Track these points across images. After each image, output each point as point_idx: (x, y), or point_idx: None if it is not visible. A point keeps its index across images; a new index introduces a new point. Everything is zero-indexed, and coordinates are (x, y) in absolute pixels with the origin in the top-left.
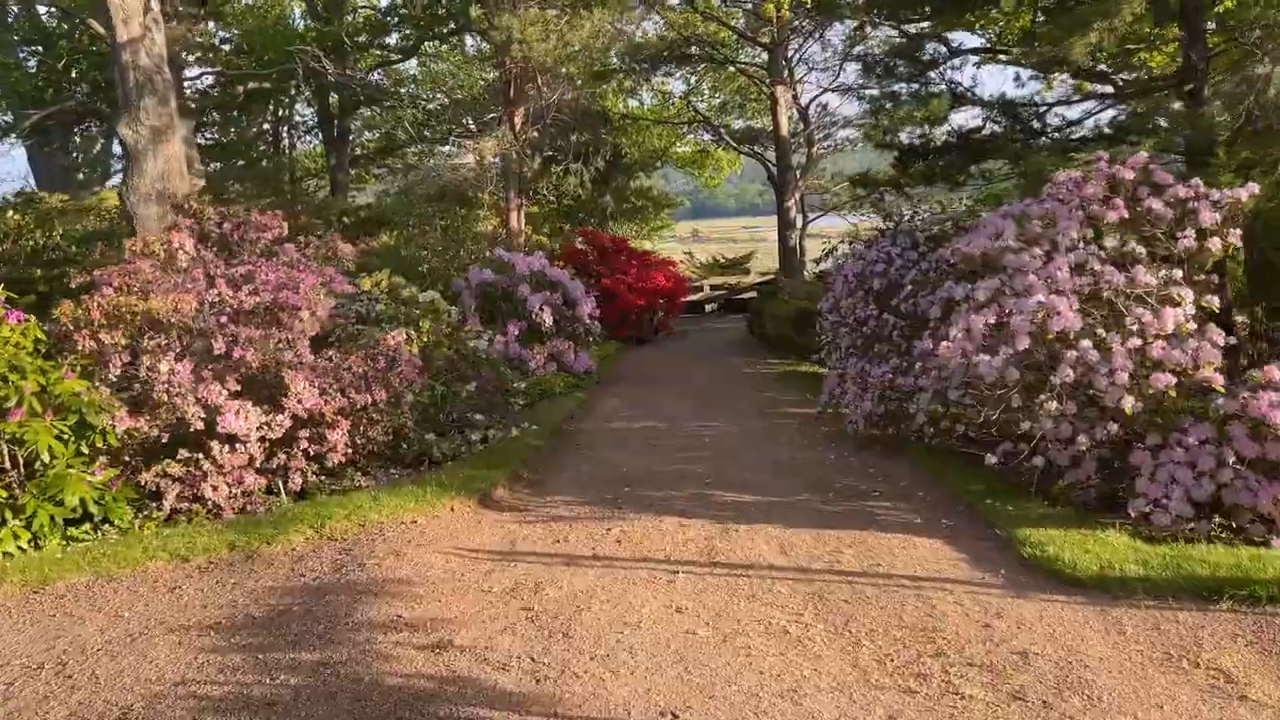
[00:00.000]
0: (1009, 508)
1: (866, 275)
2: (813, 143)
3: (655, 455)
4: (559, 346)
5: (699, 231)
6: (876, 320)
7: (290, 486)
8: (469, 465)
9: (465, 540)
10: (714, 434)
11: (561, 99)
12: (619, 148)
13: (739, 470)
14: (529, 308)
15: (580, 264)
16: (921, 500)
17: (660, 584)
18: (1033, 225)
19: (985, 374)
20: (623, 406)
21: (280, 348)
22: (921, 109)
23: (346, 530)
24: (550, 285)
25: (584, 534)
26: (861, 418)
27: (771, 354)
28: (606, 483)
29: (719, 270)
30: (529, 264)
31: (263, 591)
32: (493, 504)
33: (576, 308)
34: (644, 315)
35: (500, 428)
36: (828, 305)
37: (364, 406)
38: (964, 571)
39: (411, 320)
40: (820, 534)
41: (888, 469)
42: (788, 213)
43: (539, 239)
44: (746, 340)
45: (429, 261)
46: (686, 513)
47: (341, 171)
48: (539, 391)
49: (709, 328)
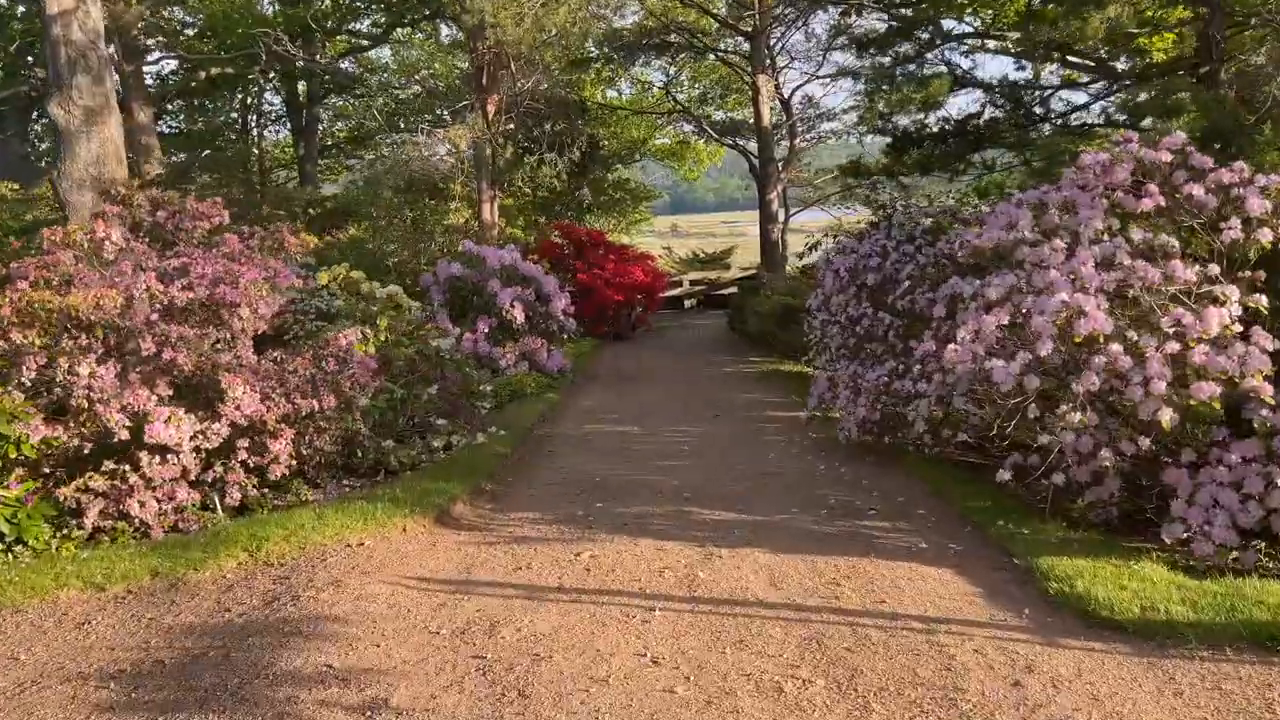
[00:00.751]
0: (1023, 530)
1: (859, 270)
2: (795, 134)
3: (631, 464)
4: (531, 344)
5: (678, 226)
6: (870, 319)
7: (228, 502)
8: (428, 476)
9: (416, 566)
10: (695, 440)
11: (537, 87)
12: (596, 139)
13: (722, 482)
14: (499, 304)
15: (556, 258)
16: (923, 520)
17: (634, 624)
18: (1050, 215)
19: (1000, 381)
20: (598, 408)
21: (218, 348)
22: (920, 90)
23: (285, 554)
24: (522, 280)
25: (550, 559)
26: (854, 425)
27: (753, 351)
28: (577, 496)
29: (699, 265)
30: (500, 258)
31: (181, 630)
32: (451, 522)
33: (550, 304)
34: (621, 311)
35: (465, 433)
36: (816, 302)
37: (311, 413)
38: (981, 610)
39: (368, 317)
40: (814, 561)
41: (883, 482)
42: (769, 206)
43: (513, 232)
44: (727, 337)
45: (397, 255)
46: (664, 533)
47: (310, 161)
48: (509, 392)
49: (689, 324)
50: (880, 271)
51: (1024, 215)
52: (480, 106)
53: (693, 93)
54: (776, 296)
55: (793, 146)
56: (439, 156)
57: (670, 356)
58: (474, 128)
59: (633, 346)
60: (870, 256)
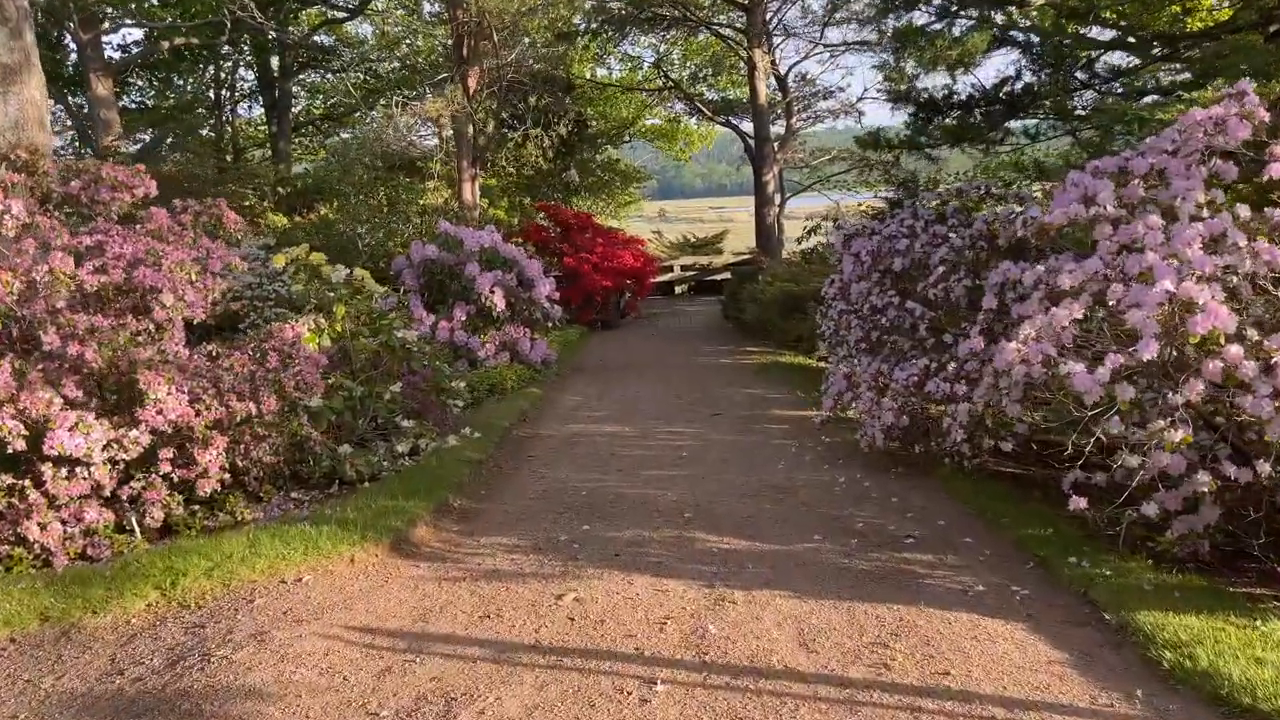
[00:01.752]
0: (1102, 571)
1: (883, 254)
2: (792, 113)
3: (622, 473)
4: (513, 333)
5: (665, 211)
6: (897, 310)
7: (148, 523)
8: (387, 490)
9: (362, 611)
10: (693, 443)
11: (521, 60)
12: (584, 117)
13: (727, 498)
14: (478, 289)
15: (541, 241)
16: (973, 551)
17: (630, 705)
18: (1132, 187)
19: (1083, 389)
20: (584, 405)
21: (139, 341)
22: (957, 47)
23: (205, 592)
24: (504, 264)
25: (525, 603)
26: (879, 431)
27: (750, 341)
28: (560, 514)
29: (690, 250)
30: (479, 239)
31: (59, 700)
32: (409, 549)
33: (533, 289)
34: (610, 297)
35: (435, 435)
36: (834, 290)
37: (247, 417)
38: (1077, 688)
39: (325, 305)
40: (851, 611)
41: (916, 499)
42: (765, 188)
43: (496, 213)
44: (721, 325)
45: (372, 236)
46: (664, 567)
47: (283, 139)
48: (488, 387)
49: (680, 311)
50: (908, 255)
51: (1104, 187)
52: (460, 80)
53: (683, 73)
54: (778, 283)
55: (789, 126)
56: (416, 132)
57: (662, 346)
58: (453, 101)
59: (622, 335)
60: (896, 238)
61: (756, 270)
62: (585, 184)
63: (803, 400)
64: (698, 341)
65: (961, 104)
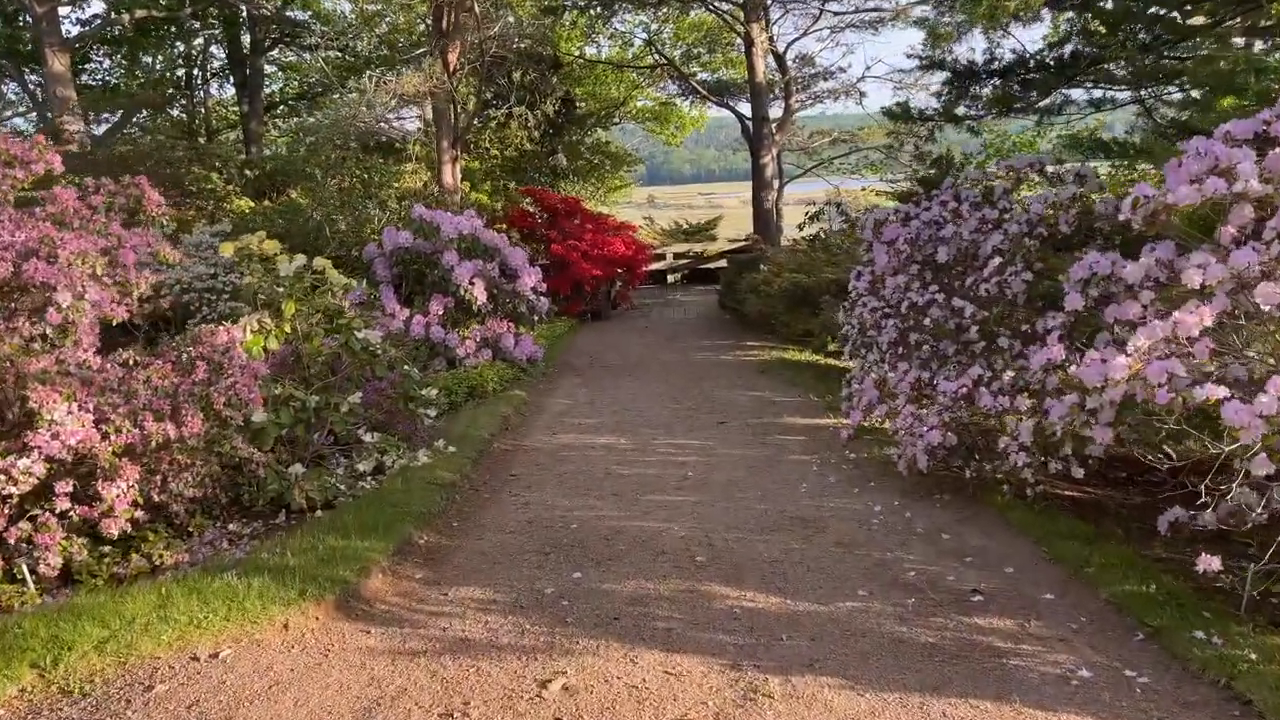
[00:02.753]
0: (1245, 653)
1: (924, 241)
2: (791, 93)
3: (619, 499)
4: (495, 328)
5: (654, 197)
6: (942, 308)
7: (44, 570)
8: (341, 523)
9: (289, 706)
10: (698, 459)
11: (504, 34)
12: (572, 97)
13: (745, 533)
14: (456, 280)
15: (527, 227)
16: (1060, 614)
17: None
18: (1275, 155)
19: (1239, 424)
20: (574, 411)
21: (37, 350)
22: None
23: (95, 673)
24: (485, 252)
25: (499, 693)
26: (922, 452)
27: (750, 335)
28: (546, 554)
29: (682, 237)
30: (457, 225)
31: None
32: (360, 608)
33: (517, 280)
34: (600, 287)
35: (403, 451)
36: (863, 284)
37: (167, 441)
38: None
39: (274, 301)
40: (925, 711)
41: (972, 536)
42: (763, 171)
43: (478, 197)
44: (718, 317)
45: (344, 222)
46: (675, 637)
47: (255, 119)
48: (467, 389)
49: (673, 301)
50: (953, 244)
51: (1244, 156)
52: (440, 54)
53: (676, 51)
54: (786, 274)
55: (788, 106)
56: (393, 111)
57: (657, 340)
58: (431, 77)
59: (613, 328)
60: (939, 224)
61: (755, 258)
62: (573, 167)
63: (817, 405)
64: (694, 335)
65: (1004, 70)
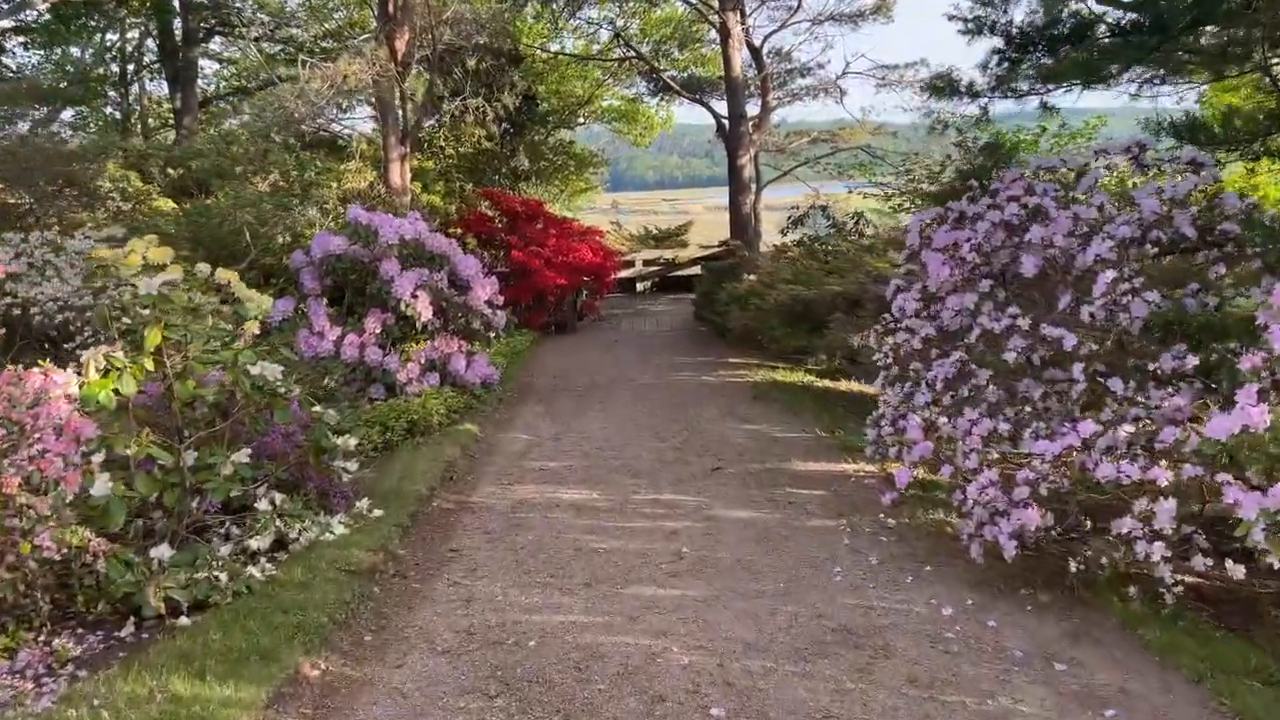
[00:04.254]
0: None
1: (994, 249)
2: (768, 89)
3: (592, 593)
4: (444, 348)
5: (618, 203)
6: (1027, 336)
7: None
8: (200, 647)
9: None
10: (693, 525)
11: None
12: (534, 94)
13: (775, 659)
14: (396, 293)
15: (485, 233)
16: None
17: None
18: None
19: None
20: (535, 450)
21: None
22: None
23: None
24: (431, 260)
25: None
26: (1008, 537)
27: (731, 350)
28: (490, 701)
29: (652, 243)
30: (398, 229)
31: None
32: None
33: (470, 291)
34: (565, 297)
35: (312, 519)
36: (910, 302)
37: None
38: None
39: (136, 328)
40: None
41: (1103, 670)
42: (741, 172)
43: (430, 199)
44: (694, 329)
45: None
46: None
47: (189, 115)
48: (406, 425)
49: (644, 311)
50: (1035, 252)
51: None
52: (385, 39)
53: (644, 47)
54: (781, 285)
55: (765, 104)
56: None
57: (629, 356)
58: (375, 63)
59: (580, 342)
60: (1012, 226)
61: (734, 266)
62: (535, 169)
63: (829, 445)
64: (670, 350)
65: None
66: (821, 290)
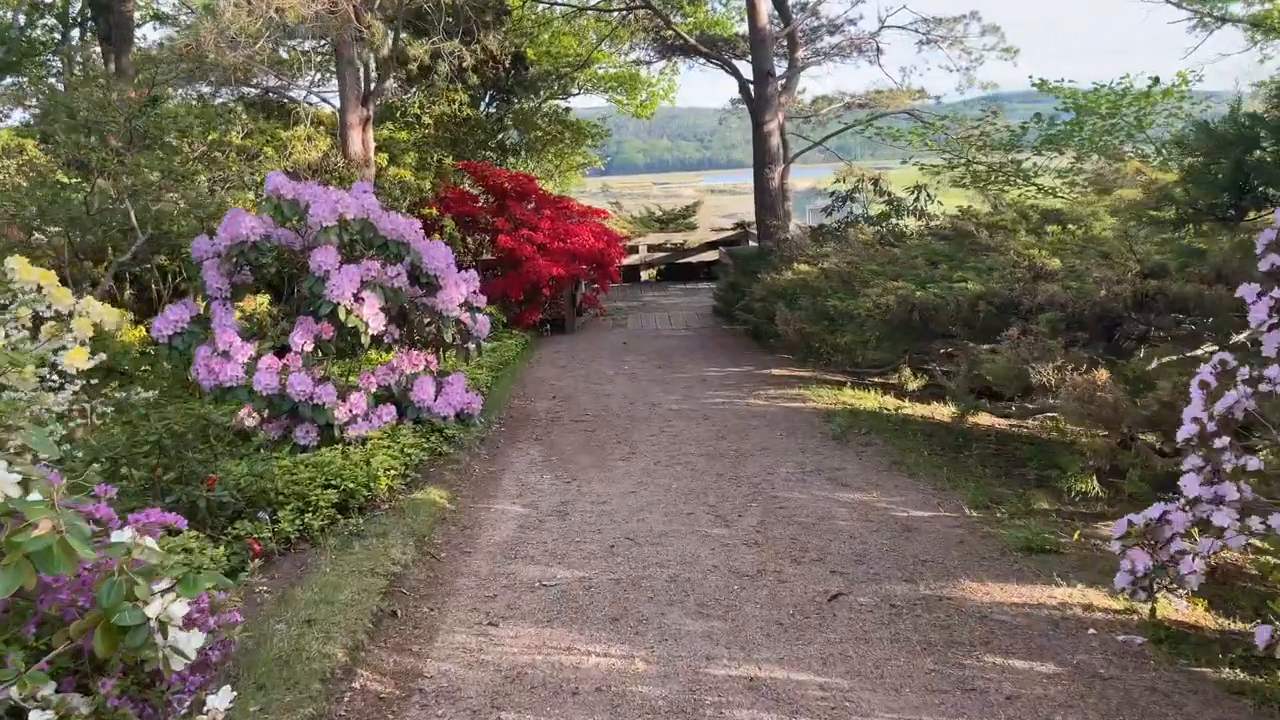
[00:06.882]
0: None
1: None
2: (796, 47)
3: None
4: (403, 368)
5: (609, 187)
6: None
7: None
8: None
9: None
10: None
11: None
12: (522, 55)
13: None
14: (331, 295)
15: (467, 213)
16: None
17: None
18: None
19: None
20: (529, 543)
21: None
22: None
23: None
24: (383, 248)
25: None
26: None
27: (769, 355)
28: None
29: (657, 226)
30: (336, 204)
31: None
32: None
33: (439, 291)
34: (563, 290)
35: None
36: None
37: None
38: None
39: None
40: None
41: None
42: (767, 140)
43: (401, 174)
44: (713, 327)
45: (178, 204)
46: None
47: (122, 77)
48: (336, 499)
49: (653, 304)
50: None
51: None
52: None
53: None
54: (884, 283)
55: (794, 60)
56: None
57: (644, 367)
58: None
59: (582, 346)
60: None
61: (766, 251)
62: (526, 141)
63: (999, 538)
64: (696, 358)
65: None
66: (952, 292)
